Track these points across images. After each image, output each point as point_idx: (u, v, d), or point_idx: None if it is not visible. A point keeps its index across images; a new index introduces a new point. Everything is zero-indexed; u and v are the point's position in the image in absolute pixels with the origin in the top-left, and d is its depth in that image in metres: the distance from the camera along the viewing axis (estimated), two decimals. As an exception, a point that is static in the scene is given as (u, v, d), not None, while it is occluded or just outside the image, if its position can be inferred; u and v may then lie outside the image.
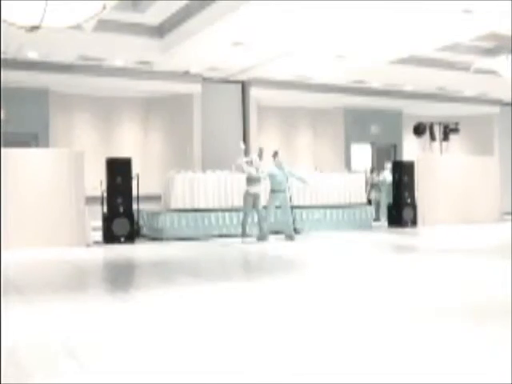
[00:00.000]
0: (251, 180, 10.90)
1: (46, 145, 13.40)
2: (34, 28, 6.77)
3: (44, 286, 6.14)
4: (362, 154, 18.16)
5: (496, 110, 19.69)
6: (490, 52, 13.92)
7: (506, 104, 19.90)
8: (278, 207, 11.28)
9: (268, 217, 11.02)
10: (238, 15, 9.86)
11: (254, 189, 10.87)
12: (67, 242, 10.26)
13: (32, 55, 12.42)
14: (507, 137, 20.29)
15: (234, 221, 12.04)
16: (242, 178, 12.58)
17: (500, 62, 12.44)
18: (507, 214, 17.47)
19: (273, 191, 11.06)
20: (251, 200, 10.87)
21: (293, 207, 11.93)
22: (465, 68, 14.96)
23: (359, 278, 6.55)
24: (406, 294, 5.39)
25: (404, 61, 13.81)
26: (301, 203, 12.76)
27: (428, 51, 13.31)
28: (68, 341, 3.74)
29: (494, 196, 15.69)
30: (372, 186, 16.31)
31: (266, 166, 11.32)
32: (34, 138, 13.51)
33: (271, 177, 11.05)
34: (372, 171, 16.60)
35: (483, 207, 15.24)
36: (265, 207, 11.11)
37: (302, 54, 12.74)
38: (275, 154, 11.25)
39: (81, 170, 10.57)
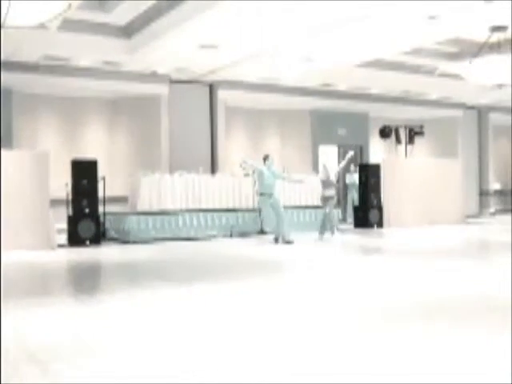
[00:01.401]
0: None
1: (10, 146, 13.12)
2: (-3, 27, 6.63)
3: (7, 291, 6.01)
4: (329, 156, 18.29)
5: (460, 113, 20.07)
6: (454, 56, 14.18)
7: (470, 107, 20.29)
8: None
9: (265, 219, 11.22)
10: (206, 17, 9.83)
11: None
12: (31, 245, 10.06)
13: (-4, 54, 12.17)
14: (470, 140, 20.70)
15: (202, 223, 12.00)
16: (210, 179, 12.59)
17: (464, 67, 12.67)
18: (471, 216, 17.82)
19: (262, 194, 10.99)
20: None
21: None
22: (429, 72, 15.21)
23: (324, 279, 6.59)
24: (369, 294, 5.45)
25: (370, 64, 13.96)
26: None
27: (393, 55, 13.50)
28: (30, 346, 3.67)
29: (457, 198, 15.97)
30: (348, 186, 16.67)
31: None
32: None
33: (261, 179, 10.97)
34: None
35: (447, 209, 15.50)
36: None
37: (270, 57, 12.77)
38: (266, 158, 11.18)
39: (45, 172, 10.39)
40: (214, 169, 15.13)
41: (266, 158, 11.15)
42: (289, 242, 10.54)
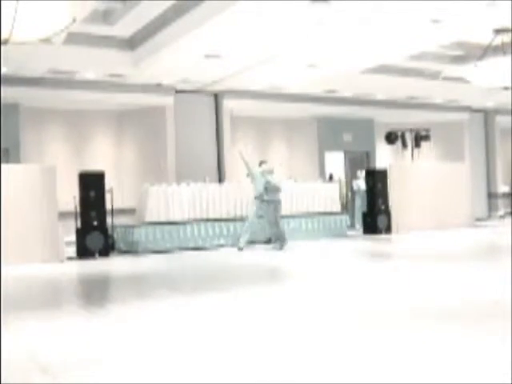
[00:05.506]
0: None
1: (17, 160, 13.20)
2: (3, 42, 6.67)
3: (18, 304, 6.03)
4: (336, 163, 18.29)
5: (465, 116, 20.02)
6: (459, 60, 14.17)
7: (476, 110, 20.24)
8: (261, 217, 11.57)
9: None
10: (209, 27, 9.87)
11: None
12: (41, 258, 10.10)
13: (1, 69, 12.25)
14: (477, 143, 20.64)
15: (210, 232, 12.00)
16: (217, 189, 12.59)
17: (468, 70, 12.66)
18: (479, 219, 17.71)
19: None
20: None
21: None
22: (434, 76, 15.19)
23: (336, 286, 6.57)
24: (383, 299, 5.42)
25: (374, 70, 13.97)
26: (276, 213, 12.76)
27: (398, 60, 13.50)
28: (42, 358, 3.68)
29: (465, 202, 15.90)
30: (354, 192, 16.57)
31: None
32: (4, 154, 13.27)
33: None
34: (330, 178, 16.75)
35: (455, 213, 15.43)
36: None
37: (274, 65, 12.80)
38: (261, 163, 11.59)
39: (53, 185, 10.43)
40: (220, 178, 15.15)
41: (261, 164, 11.65)
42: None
